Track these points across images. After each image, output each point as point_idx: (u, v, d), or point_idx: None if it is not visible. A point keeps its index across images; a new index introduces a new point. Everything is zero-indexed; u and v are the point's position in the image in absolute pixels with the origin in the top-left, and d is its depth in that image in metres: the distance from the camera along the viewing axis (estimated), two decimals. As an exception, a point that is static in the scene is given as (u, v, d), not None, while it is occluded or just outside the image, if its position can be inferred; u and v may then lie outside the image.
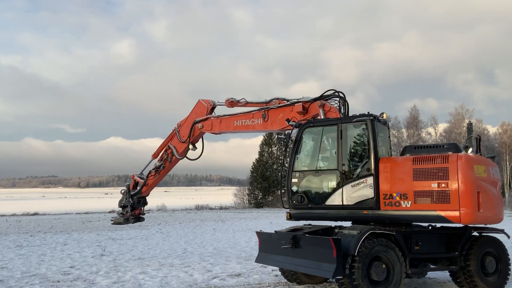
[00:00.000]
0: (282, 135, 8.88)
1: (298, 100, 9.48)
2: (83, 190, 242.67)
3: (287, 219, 8.91)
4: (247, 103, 10.54)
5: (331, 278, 7.94)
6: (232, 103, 10.75)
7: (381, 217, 7.88)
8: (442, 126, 54.05)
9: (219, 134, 11.25)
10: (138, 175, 12.15)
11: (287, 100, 9.74)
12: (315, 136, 8.71)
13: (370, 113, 8.16)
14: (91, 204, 63.07)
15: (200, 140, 11.41)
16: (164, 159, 11.61)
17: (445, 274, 9.42)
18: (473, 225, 8.03)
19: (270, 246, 8.64)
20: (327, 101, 9.16)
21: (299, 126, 8.77)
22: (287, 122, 9.34)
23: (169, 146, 11.55)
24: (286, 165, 8.84)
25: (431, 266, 8.26)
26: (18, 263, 11.86)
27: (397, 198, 7.65)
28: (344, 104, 9.00)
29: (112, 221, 12.11)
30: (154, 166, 11.82)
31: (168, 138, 11.67)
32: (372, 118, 8.04)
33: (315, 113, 9.15)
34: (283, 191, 9.08)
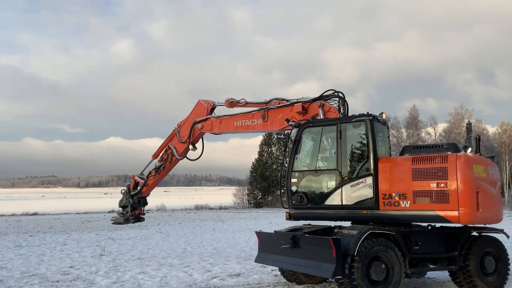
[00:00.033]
0: (282, 135, 8.87)
1: (298, 100, 9.49)
2: (83, 190, 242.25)
3: (286, 219, 8.91)
4: (246, 104, 10.56)
5: (330, 278, 7.94)
6: (232, 103, 10.77)
7: (380, 217, 7.89)
8: (441, 126, 54.13)
9: (219, 134, 11.26)
10: (138, 175, 12.18)
11: (287, 100, 9.75)
12: (315, 136, 8.72)
13: (370, 113, 8.16)
14: (90, 204, 62.99)
15: (200, 141, 11.43)
16: (164, 159, 11.63)
17: (444, 274, 9.43)
18: (472, 225, 8.03)
19: (270, 246, 8.63)
20: (327, 101, 9.16)
21: (299, 126, 8.78)
22: (287, 122, 9.34)
23: (169, 146, 11.57)
24: (286, 165, 8.85)
25: (431, 266, 8.25)
26: (18, 263, 11.86)
27: (396, 198, 7.65)
28: (343, 104, 9.02)
29: (113, 221, 12.16)
30: (154, 166, 11.84)
31: (168, 138, 11.70)
32: (372, 118, 8.04)
33: (315, 113, 9.16)
34: (282, 191, 9.08)
